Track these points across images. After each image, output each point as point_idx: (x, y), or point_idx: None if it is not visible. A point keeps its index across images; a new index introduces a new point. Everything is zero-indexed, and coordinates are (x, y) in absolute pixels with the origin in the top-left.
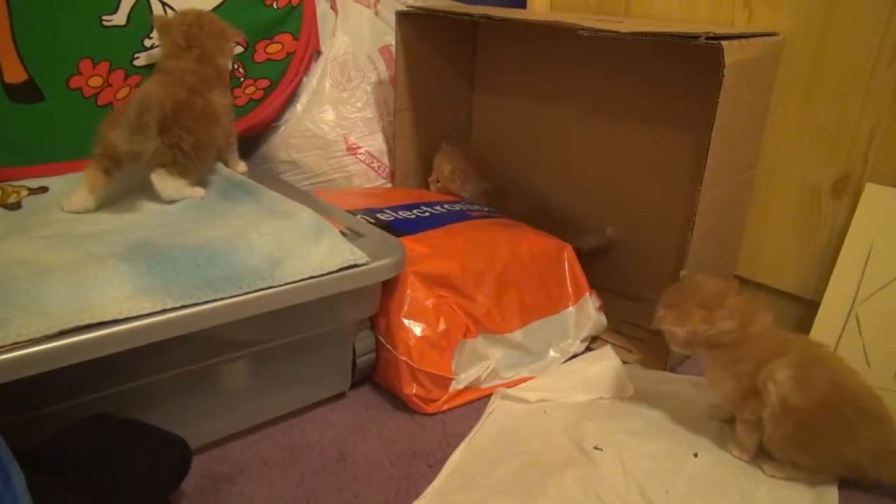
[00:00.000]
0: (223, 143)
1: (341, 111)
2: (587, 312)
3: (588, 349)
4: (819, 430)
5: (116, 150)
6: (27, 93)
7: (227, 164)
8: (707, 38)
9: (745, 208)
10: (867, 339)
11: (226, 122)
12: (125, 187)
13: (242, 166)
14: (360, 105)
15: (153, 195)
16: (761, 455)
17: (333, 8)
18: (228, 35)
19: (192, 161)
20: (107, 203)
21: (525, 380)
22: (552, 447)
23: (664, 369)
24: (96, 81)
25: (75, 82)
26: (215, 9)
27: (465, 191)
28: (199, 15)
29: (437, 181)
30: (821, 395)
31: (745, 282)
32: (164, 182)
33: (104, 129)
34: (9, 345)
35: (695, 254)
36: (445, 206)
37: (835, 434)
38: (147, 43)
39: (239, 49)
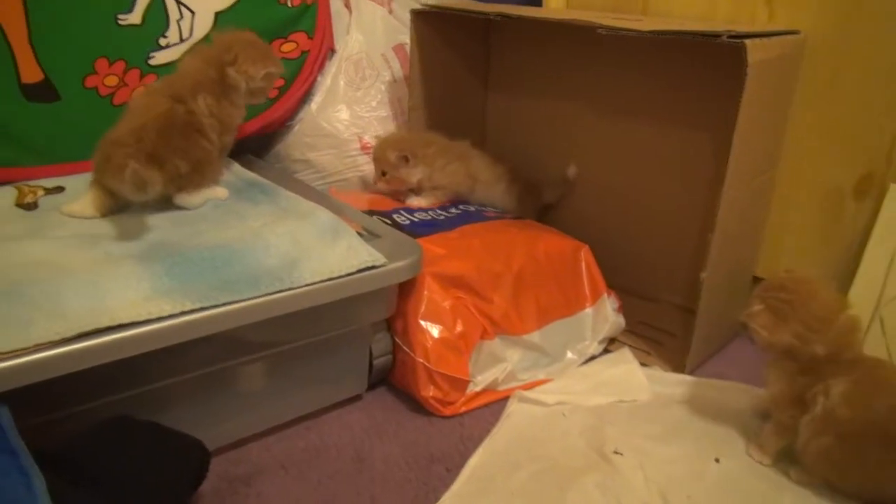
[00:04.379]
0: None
1: (355, 110)
2: (605, 314)
3: (606, 351)
4: (861, 448)
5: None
6: (43, 92)
7: None
8: (729, 37)
9: (766, 209)
10: (891, 341)
11: (219, 132)
12: None
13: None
14: (374, 104)
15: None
16: (787, 460)
17: (347, 6)
18: (263, 60)
19: (198, 175)
20: (119, 209)
21: (542, 382)
22: (571, 451)
23: (683, 372)
24: (112, 81)
25: (91, 82)
26: (230, 7)
27: (415, 174)
28: (248, 34)
29: (384, 174)
30: (873, 415)
31: None
32: (186, 200)
33: (101, 168)
34: (30, 347)
35: (716, 255)
36: (461, 207)
37: (878, 457)
38: (162, 42)
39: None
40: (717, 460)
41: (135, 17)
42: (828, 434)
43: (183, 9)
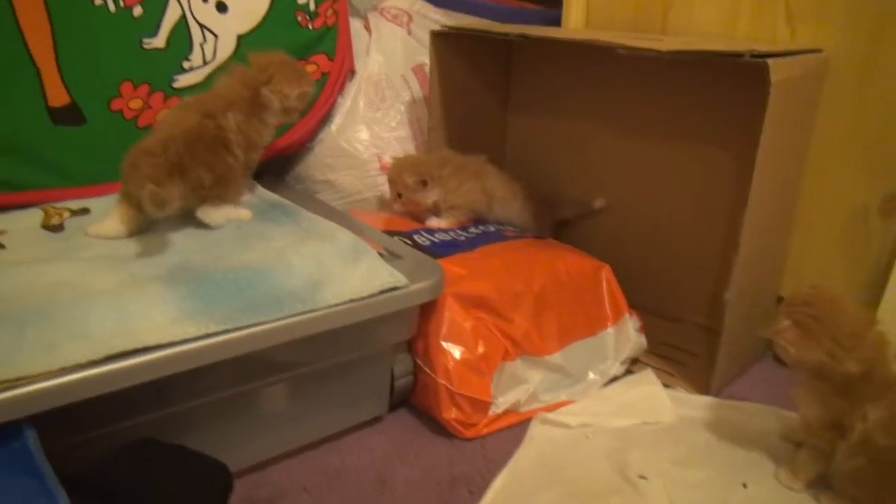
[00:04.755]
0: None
1: (375, 130)
2: (627, 333)
3: (628, 372)
4: (894, 472)
5: None
6: (70, 115)
7: None
8: (751, 56)
9: (789, 227)
10: None
11: (244, 148)
12: None
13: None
14: (393, 124)
15: (190, 215)
16: (819, 485)
17: (367, 28)
18: (297, 80)
19: (222, 189)
20: (145, 226)
21: (564, 403)
22: (595, 475)
23: (708, 394)
24: (136, 103)
25: (116, 104)
26: (253, 30)
27: (431, 196)
28: (282, 56)
29: (399, 196)
30: None
31: None
32: (209, 215)
33: (127, 175)
34: (56, 370)
35: (739, 275)
36: (480, 227)
37: None
38: (186, 65)
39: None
40: (744, 485)
41: (159, 41)
42: (861, 456)
43: (206, 32)
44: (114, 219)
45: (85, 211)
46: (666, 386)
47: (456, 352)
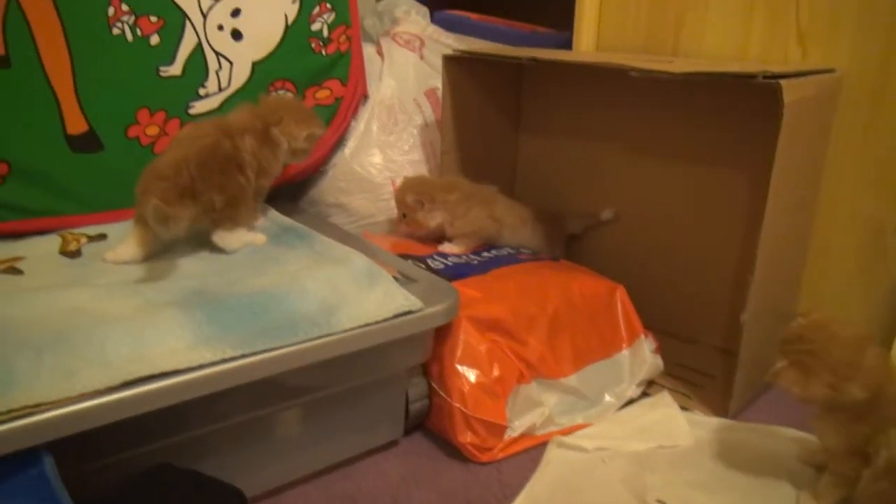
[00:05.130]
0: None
1: (388, 154)
2: (642, 355)
3: (644, 394)
4: None
5: None
6: (88, 143)
7: None
8: (764, 77)
9: (805, 247)
10: None
11: (256, 172)
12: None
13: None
14: (406, 148)
15: (205, 239)
16: None
17: (379, 53)
18: (306, 122)
19: (233, 211)
20: (161, 249)
21: (581, 426)
22: (612, 499)
23: (725, 416)
24: (153, 130)
25: (133, 131)
26: (267, 57)
27: (433, 218)
28: (291, 99)
29: (404, 216)
30: None
31: None
32: (224, 240)
33: (139, 197)
34: (75, 397)
35: (755, 295)
36: (493, 251)
37: None
38: (202, 92)
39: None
40: None
41: (175, 69)
42: (885, 480)
43: (222, 59)
44: (129, 243)
45: (102, 237)
46: (683, 408)
47: (471, 375)
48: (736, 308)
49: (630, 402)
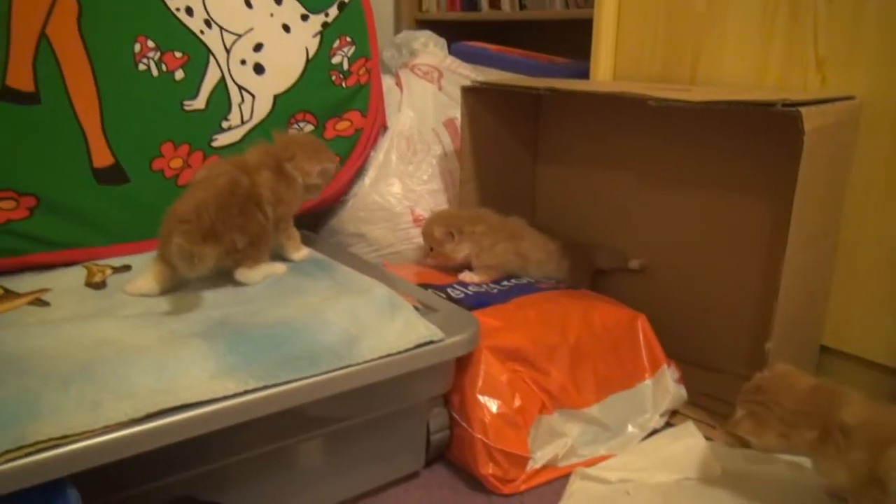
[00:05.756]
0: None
1: (407, 184)
2: (665, 385)
3: (668, 424)
4: None
5: None
6: (113, 175)
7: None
8: (784, 105)
9: (829, 275)
10: None
11: (274, 204)
12: None
13: (302, 253)
14: (425, 178)
15: (226, 270)
16: None
17: (399, 85)
18: (318, 157)
19: (255, 250)
20: (179, 284)
21: (604, 458)
22: None
23: (751, 447)
24: (177, 163)
25: (157, 164)
26: (289, 90)
27: (461, 250)
28: (305, 136)
29: (431, 249)
30: None
31: (832, 352)
32: (246, 275)
33: (162, 242)
34: (99, 428)
35: (780, 323)
36: (513, 280)
37: None
38: (224, 125)
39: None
40: None
41: (199, 103)
42: None
43: (244, 93)
44: (147, 277)
45: (126, 268)
46: (707, 439)
47: (492, 405)
48: (759, 336)
49: (653, 432)
